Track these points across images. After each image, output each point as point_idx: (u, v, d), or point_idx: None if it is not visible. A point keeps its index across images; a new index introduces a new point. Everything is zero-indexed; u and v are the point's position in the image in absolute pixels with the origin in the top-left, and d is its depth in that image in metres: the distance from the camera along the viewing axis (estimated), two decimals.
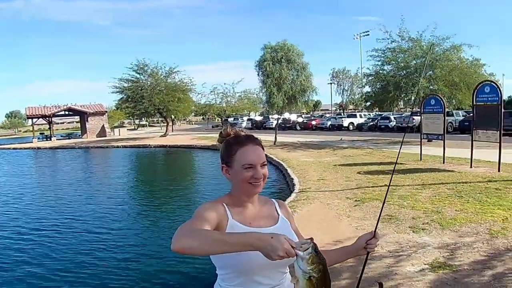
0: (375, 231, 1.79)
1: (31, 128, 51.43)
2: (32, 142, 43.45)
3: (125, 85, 37.12)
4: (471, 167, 11.28)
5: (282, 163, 15.51)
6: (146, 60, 37.25)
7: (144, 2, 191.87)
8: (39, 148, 38.01)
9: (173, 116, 41.37)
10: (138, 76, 37.37)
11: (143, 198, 13.37)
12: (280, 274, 1.48)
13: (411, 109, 32.17)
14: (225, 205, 1.65)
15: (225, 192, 1.75)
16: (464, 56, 20.41)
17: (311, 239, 1.40)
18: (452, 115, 27.64)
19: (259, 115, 53.38)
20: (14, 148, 39.28)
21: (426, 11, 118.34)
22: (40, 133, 51.04)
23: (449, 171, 11.06)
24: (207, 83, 76.26)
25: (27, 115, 48.34)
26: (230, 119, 48.47)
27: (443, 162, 12.38)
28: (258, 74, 23.83)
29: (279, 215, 1.78)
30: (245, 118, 49.95)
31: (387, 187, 8.03)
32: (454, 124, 27.58)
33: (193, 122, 75.26)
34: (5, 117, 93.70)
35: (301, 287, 1.37)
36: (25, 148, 38.48)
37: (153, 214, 10.42)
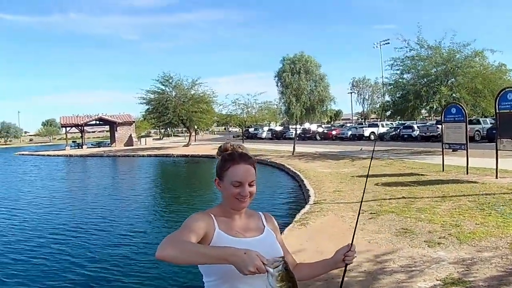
0: (351, 243, 1.81)
1: (64, 136, 54.17)
2: (65, 149, 45.64)
3: (152, 96, 38.26)
4: (496, 177, 10.88)
5: (299, 173, 15.36)
6: (171, 72, 38.34)
7: (168, 16, 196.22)
8: (71, 155, 39.93)
9: (196, 127, 41.95)
10: (163, 88, 38.43)
11: (163, 204, 13.98)
12: (262, 282, 1.48)
13: (435, 118, 31.37)
14: (213, 216, 1.73)
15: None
16: (488, 62, 19.80)
17: (283, 257, 1.46)
18: (479, 123, 26.80)
19: (279, 125, 53.35)
20: (48, 155, 41.36)
21: (443, 18, 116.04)
22: (73, 141, 53.28)
23: (472, 182, 10.69)
24: (229, 94, 77.05)
25: (61, 124, 51.34)
26: (251, 129, 48.67)
27: (467, 173, 11.98)
28: (277, 85, 24.10)
29: (264, 227, 1.86)
30: (265, 128, 50.02)
31: (402, 198, 7.79)
32: (481, 133, 26.68)
33: (215, 132, 75.86)
34: (42, 125, 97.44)
35: None
36: (58, 155, 40.46)
37: (171, 217, 10.92)
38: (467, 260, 5.03)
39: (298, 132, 37.56)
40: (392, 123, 38.91)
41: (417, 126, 31.30)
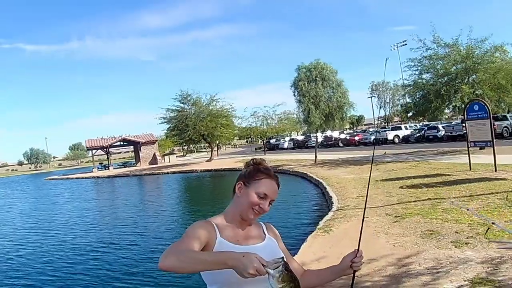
0: (358, 249, 1.79)
1: (91, 159, 56.17)
2: (92, 171, 46.80)
3: (171, 114, 38.85)
4: None
5: (322, 181, 15.26)
6: (189, 90, 38.88)
7: (184, 35, 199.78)
8: (98, 177, 40.96)
9: (217, 141, 42.27)
10: (182, 105, 38.98)
11: (189, 217, 14.35)
12: (265, 287, 1.47)
13: (461, 117, 30.54)
14: (214, 224, 1.74)
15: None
16: (510, 56, 19.27)
17: (282, 258, 1.45)
18: (506, 119, 25.97)
19: (301, 135, 53.14)
20: (77, 178, 42.62)
21: (457, 15, 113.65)
22: (99, 163, 54.70)
23: (501, 179, 10.34)
24: (248, 107, 77.40)
25: (87, 147, 52.94)
26: (272, 140, 48.62)
27: (495, 170, 11.60)
28: (294, 94, 23.95)
29: (265, 235, 1.87)
30: (286, 139, 49.83)
31: (427, 199, 7.62)
32: (510, 129, 25.83)
33: (237, 146, 76.13)
34: (69, 149, 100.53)
35: None
36: (86, 178, 41.55)
37: None
38: (496, 259, 4.84)
39: (320, 140, 37.37)
40: (416, 125, 38.18)
41: (442, 126, 30.48)
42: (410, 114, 23.71)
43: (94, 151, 51.16)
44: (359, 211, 9.07)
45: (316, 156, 24.37)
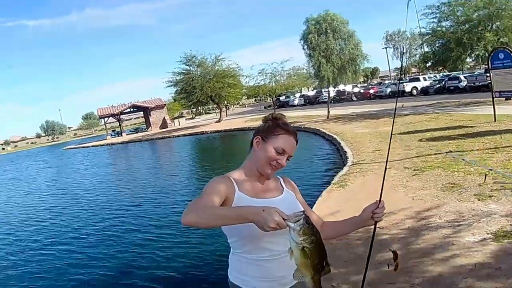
0: (379, 199, 1.77)
1: (104, 127, 56.69)
2: (106, 139, 47.51)
3: (178, 78, 38.65)
4: None
5: (335, 136, 15.02)
6: (193, 52, 38.44)
7: None
8: (112, 144, 41.74)
9: (225, 102, 42.03)
10: (188, 68, 38.64)
11: (203, 176, 14.49)
12: (287, 241, 1.48)
13: (484, 66, 29.25)
14: (232, 179, 1.77)
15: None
16: None
17: (303, 211, 1.44)
18: None
19: (311, 90, 52.17)
20: (92, 146, 43.52)
21: None
22: (112, 130, 55.28)
23: None
24: (255, 65, 75.90)
25: (99, 116, 53.66)
26: (282, 98, 47.93)
27: None
28: (303, 48, 23.23)
29: (283, 188, 1.90)
30: (297, 95, 48.91)
31: (449, 152, 7.33)
32: None
33: (246, 105, 75.58)
34: (82, 119, 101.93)
35: (295, 258, 1.43)
36: (101, 145, 42.26)
37: None
38: None
39: (332, 94, 36.64)
40: (435, 76, 36.63)
41: (464, 77, 29.22)
42: (429, 64, 22.77)
43: (106, 119, 51.66)
44: (376, 166, 8.87)
45: (328, 112, 23.95)
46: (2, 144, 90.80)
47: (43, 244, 8.54)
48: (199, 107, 49.41)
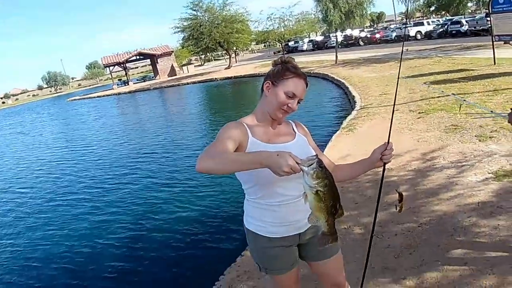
0: (388, 141, 1.80)
1: (110, 76, 54.96)
2: (112, 88, 46.49)
3: (185, 23, 37.69)
4: None
5: (343, 81, 15.03)
6: None
7: None
8: (119, 93, 40.67)
9: (234, 48, 41.27)
10: (195, 13, 37.62)
11: (215, 123, 14.50)
12: (301, 186, 1.49)
13: (485, 10, 28.46)
14: (245, 125, 1.77)
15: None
16: None
17: (316, 155, 1.45)
18: None
19: (320, 35, 51.07)
20: (98, 96, 42.40)
21: None
22: (119, 80, 54.25)
23: None
24: (264, 10, 73.67)
25: (103, 64, 51.75)
26: (291, 43, 47.08)
27: None
28: None
29: (296, 132, 1.91)
30: (305, 40, 47.83)
31: (451, 95, 7.44)
32: None
33: (255, 51, 74.32)
34: (86, 68, 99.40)
35: (309, 201, 1.45)
36: (108, 95, 41.37)
37: None
38: None
39: (340, 39, 35.88)
40: (438, 20, 35.89)
41: (466, 21, 28.66)
42: (432, 8, 22.19)
43: (111, 68, 50.31)
44: (383, 109, 9.02)
45: (336, 57, 23.65)
46: (1, 98, 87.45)
47: (56, 195, 8.61)
48: (208, 54, 48.42)
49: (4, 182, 11.05)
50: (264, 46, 71.98)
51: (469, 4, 23.98)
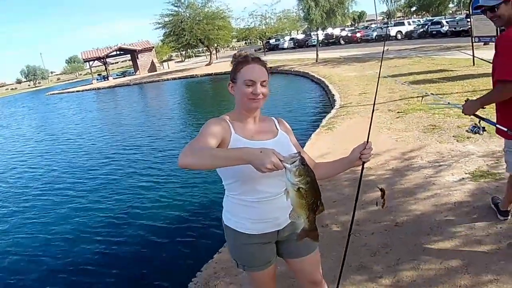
0: (367, 141, 1.82)
1: (89, 71, 54.05)
2: (92, 83, 45.86)
3: (166, 19, 37.42)
4: None
5: (324, 79, 15.10)
6: None
7: None
8: (99, 88, 40.20)
9: (215, 45, 41.10)
10: (176, 9, 37.40)
11: (195, 120, 14.55)
12: (281, 183, 1.52)
13: (465, 11, 29.11)
14: (228, 121, 1.78)
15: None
16: None
17: (299, 153, 1.46)
18: None
19: (301, 34, 51.31)
20: (77, 91, 41.80)
21: None
22: (98, 74, 53.43)
23: None
24: (247, 7, 73.65)
25: (83, 59, 51.02)
26: (272, 41, 47.19)
27: None
28: None
29: (278, 130, 1.92)
30: (286, 38, 48.07)
31: (431, 94, 7.54)
32: None
33: (236, 48, 74.14)
34: (66, 63, 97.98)
35: (292, 198, 1.46)
36: (87, 90, 40.80)
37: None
38: (497, 153, 4.85)
39: (321, 38, 36.13)
40: (419, 20, 36.52)
41: (446, 22, 29.23)
42: (414, 8, 22.60)
43: (91, 62, 49.81)
44: (362, 108, 9.08)
45: (317, 55, 23.76)
46: None
47: (36, 190, 8.50)
48: (189, 50, 48.03)
49: None
50: (245, 43, 71.90)
51: (450, 5, 24.47)
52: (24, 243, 5.87)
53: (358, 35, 38.54)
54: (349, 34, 40.41)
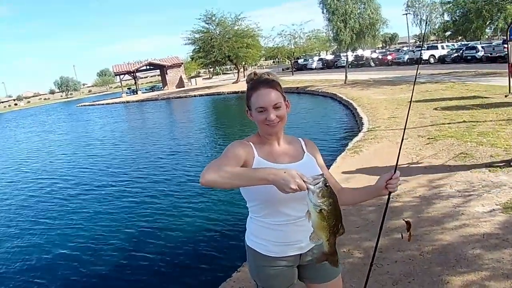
0: (395, 170, 1.76)
1: (119, 84, 55.82)
2: (121, 96, 47.06)
3: (196, 36, 38.18)
4: None
5: (352, 102, 15.00)
6: (213, 10, 38.38)
7: None
8: (128, 102, 41.21)
9: (243, 62, 41.62)
10: (207, 26, 38.12)
11: (220, 138, 14.83)
12: (305, 206, 1.49)
13: (502, 37, 28.46)
14: (251, 143, 1.78)
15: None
16: None
17: (322, 174, 1.46)
18: None
19: (330, 54, 51.38)
20: (107, 104, 43.02)
21: None
22: (128, 88, 54.61)
23: None
24: (275, 26, 74.44)
25: (114, 73, 52.58)
26: (300, 60, 47.37)
27: None
28: (322, 12, 22.83)
29: (304, 152, 1.88)
30: (315, 58, 48.16)
31: (462, 122, 7.38)
32: None
33: (264, 67, 74.70)
34: (97, 75, 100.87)
35: (313, 220, 1.45)
36: (116, 103, 41.87)
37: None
38: None
39: (350, 59, 36.05)
40: (453, 45, 35.91)
41: (482, 47, 28.53)
42: (448, 33, 22.31)
43: (121, 76, 51.12)
44: (390, 133, 8.95)
45: (346, 76, 23.70)
46: (14, 100, 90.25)
47: (59, 200, 8.70)
48: (217, 67, 48.73)
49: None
50: (273, 62, 72.43)
51: (487, 30, 23.99)
52: (38, 254, 6.00)
53: (389, 57, 38.14)
54: (380, 56, 40.13)
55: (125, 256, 5.51)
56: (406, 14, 71.15)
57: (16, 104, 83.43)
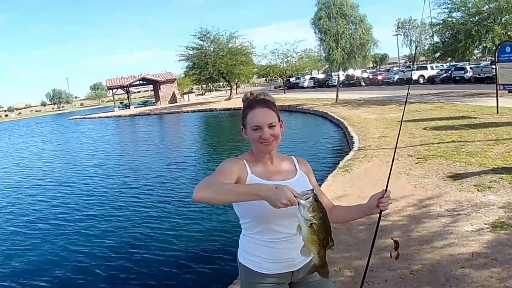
0: (385, 189, 1.79)
1: (112, 98, 56.05)
2: (113, 111, 47.14)
3: (191, 52, 38.46)
4: None
5: (343, 121, 15.14)
6: (208, 27, 38.20)
7: None
8: (120, 116, 41.25)
9: (236, 80, 41.98)
10: (201, 43, 38.50)
11: (210, 154, 14.96)
12: (296, 224, 1.53)
13: (490, 58, 29.13)
14: (245, 161, 1.80)
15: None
16: None
17: (312, 190, 1.50)
18: None
19: (322, 73, 52.05)
20: (99, 117, 43.09)
21: None
22: (120, 102, 54.66)
23: None
24: (268, 44, 75.81)
25: (107, 87, 52.86)
26: (292, 79, 47.90)
27: None
28: (315, 32, 23.40)
29: (297, 170, 1.91)
30: (307, 77, 48.77)
31: (451, 142, 7.52)
32: None
33: (256, 84, 75.30)
34: (90, 89, 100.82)
35: (304, 234, 1.50)
36: (108, 117, 41.96)
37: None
38: None
39: (341, 78, 36.52)
40: (442, 65, 36.66)
41: (470, 67, 29.20)
42: (437, 54, 22.76)
43: (114, 90, 51.21)
44: (381, 152, 9.05)
45: (337, 96, 23.96)
46: (5, 111, 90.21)
47: (48, 213, 8.68)
48: (210, 84, 49.03)
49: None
50: (265, 80, 73.13)
51: (475, 51, 24.53)
52: (42, 264, 6.01)
53: (380, 77, 38.78)
54: (370, 76, 40.75)
55: (115, 274, 5.45)
56: (397, 35, 72.93)
57: (6, 115, 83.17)
